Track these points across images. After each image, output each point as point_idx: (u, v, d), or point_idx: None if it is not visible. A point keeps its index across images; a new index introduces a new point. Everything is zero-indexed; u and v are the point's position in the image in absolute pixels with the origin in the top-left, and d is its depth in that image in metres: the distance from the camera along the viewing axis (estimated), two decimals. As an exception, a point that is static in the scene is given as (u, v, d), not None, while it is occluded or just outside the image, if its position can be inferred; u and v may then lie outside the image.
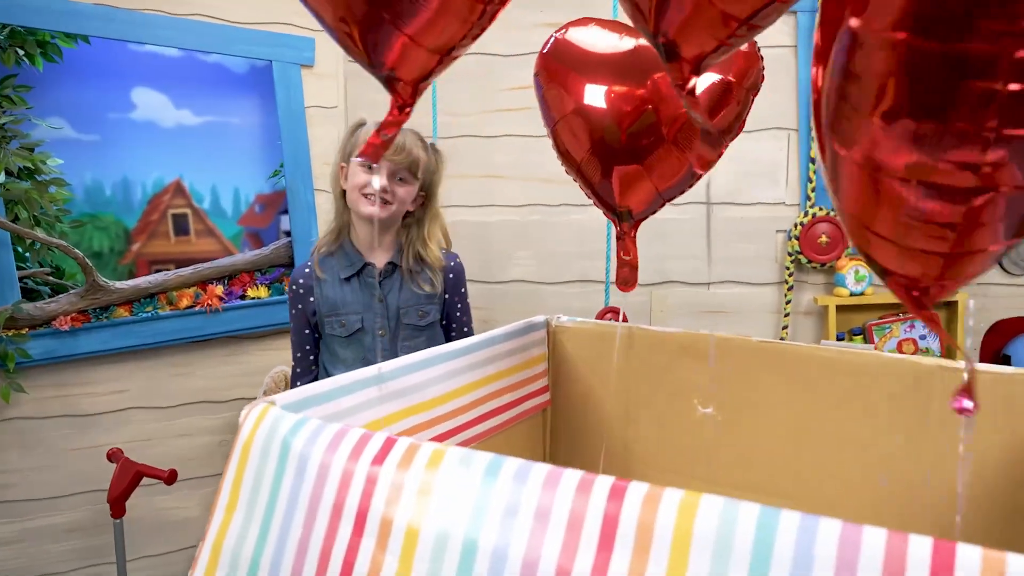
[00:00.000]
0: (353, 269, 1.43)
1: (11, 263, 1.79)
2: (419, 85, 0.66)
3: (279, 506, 0.60)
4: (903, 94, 0.42)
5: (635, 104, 0.81)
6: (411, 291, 1.44)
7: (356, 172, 1.38)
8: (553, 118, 0.88)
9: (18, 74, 1.85)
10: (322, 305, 1.43)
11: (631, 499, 0.48)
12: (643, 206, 0.88)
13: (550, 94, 0.87)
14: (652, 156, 0.86)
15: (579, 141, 0.87)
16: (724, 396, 1.01)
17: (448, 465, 0.54)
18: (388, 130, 0.65)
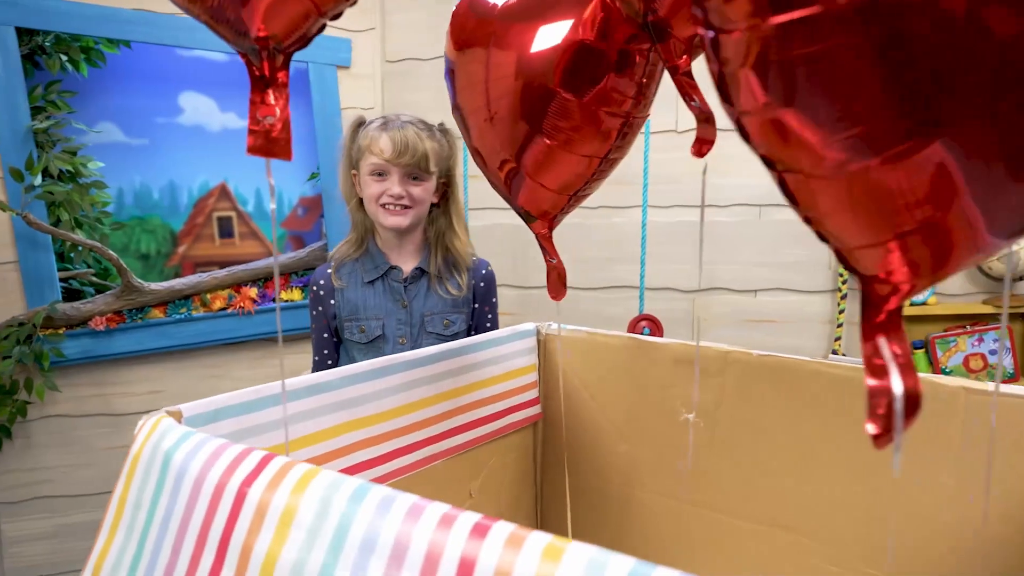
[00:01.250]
0: (378, 272, 1.35)
1: (52, 264, 1.83)
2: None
3: (153, 528, 0.54)
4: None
5: (507, 92, 0.71)
6: (437, 296, 1.37)
7: (368, 183, 1.31)
8: (453, 98, 0.79)
9: (63, 80, 1.89)
10: (342, 308, 1.36)
11: (492, 541, 0.41)
12: (543, 208, 0.78)
13: (454, 70, 0.78)
14: (526, 151, 0.74)
15: (464, 128, 0.78)
16: (724, 415, 0.91)
17: (314, 489, 0.48)
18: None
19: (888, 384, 0.42)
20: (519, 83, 0.71)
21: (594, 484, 1.01)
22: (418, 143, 1.29)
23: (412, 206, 1.31)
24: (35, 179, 1.74)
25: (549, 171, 0.74)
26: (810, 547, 0.86)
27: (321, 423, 0.75)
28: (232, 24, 0.60)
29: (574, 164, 0.74)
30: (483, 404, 0.95)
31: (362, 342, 1.35)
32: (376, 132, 1.29)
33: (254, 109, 0.61)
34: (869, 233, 0.41)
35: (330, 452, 0.76)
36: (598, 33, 0.70)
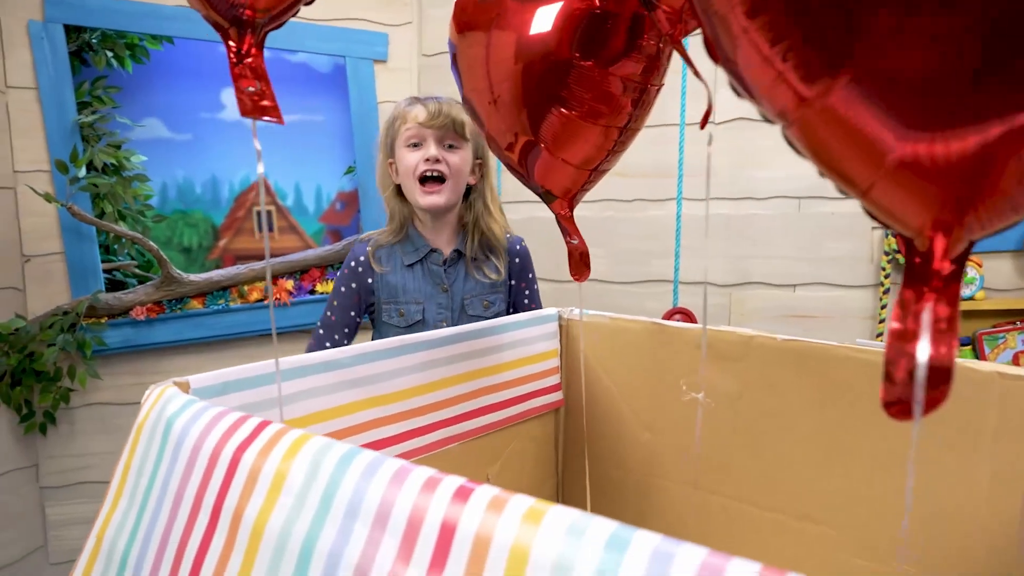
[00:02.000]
0: (418, 255, 1.34)
1: (95, 255, 1.88)
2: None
3: (153, 494, 0.55)
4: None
5: (521, 61, 0.70)
6: (475, 280, 1.35)
7: (404, 156, 1.30)
8: (460, 86, 0.78)
9: (108, 76, 1.94)
10: (381, 290, 1.33)
11: (473, 504, 0.40)
12: (564, 185, 0.76)
13: (458, 56, 0.77)
14: (543, 124, 0.73)
15: (473, 112, 0.76)
16: (747, 402, 0.88)
17: (304, 455, 0.47)
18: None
19: (912, 348, 0.36)
20: (534, 56, 0.70)
21: (615, 474, 0.99)
22: (451, 109, 1.29)
23: (448, 177, 1.29)
24: (79, 171, 1.79)
25: (569, 144, 0.73)
26: (836, 540, 0.83)
27: (333, 400, 0.75)
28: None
29: (594, 135, 0.72)
30: (502, 388, 0.94)
31: (400, 326, 1.32)
32: (409, 105, 1.30)
33: (236, 81, 0.62)
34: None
35: (342, 430, 0.76)
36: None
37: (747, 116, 1.84)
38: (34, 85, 1.83)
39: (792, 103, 0.35)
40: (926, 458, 0.77)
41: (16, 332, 1.75)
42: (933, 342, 0.35)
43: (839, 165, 0.37)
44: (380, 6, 2.14)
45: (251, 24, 0.62)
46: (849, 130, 0.34)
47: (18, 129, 1.82)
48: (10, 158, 1.81)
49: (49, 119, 1.83)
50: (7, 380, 1.75)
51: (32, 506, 1.87)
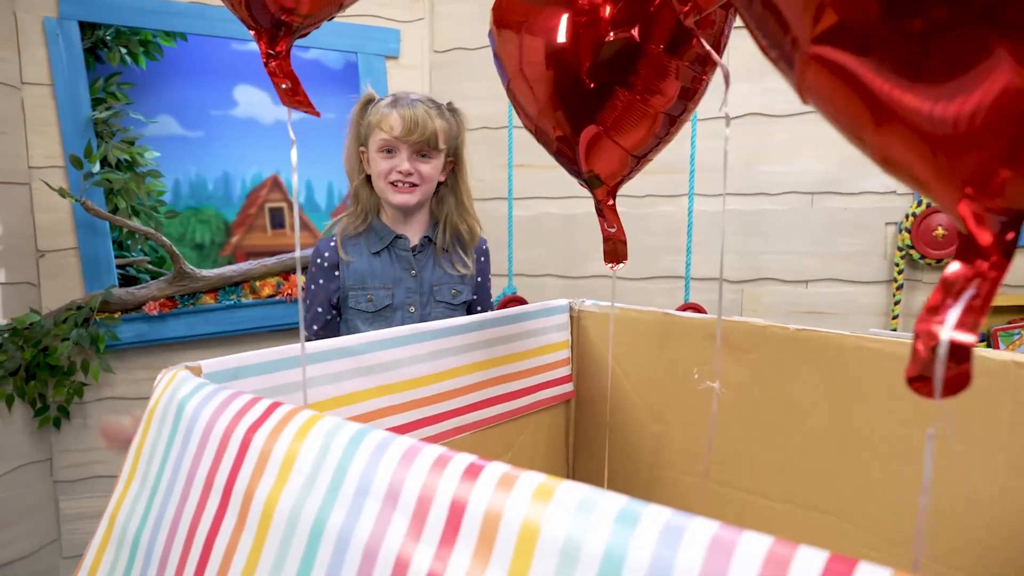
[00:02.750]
0: (383, 243, 1.36)
1: (109, 250, 1.89)
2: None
3: (165, 476, 0.55)
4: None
5: (586, 43, 0.70)
6: (443, 271, 1.38)
7: (377, 160, 1.32)
8: (507, 74, 0.79)
9: (122, 72, 1.95)
10: (348, 278, 1.35)
11: (483, 482, 0.40)
12: (613, 169, 0.77)
13: (502, 43, 0.77)
14: (607, 108, 0.73)
15: (532, 95, 0.76)
16: (760, 393, 0.87)
17: (314, 436, 0.47)
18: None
19: (939, 321, 0.35)
20: (601, 37, 0.70)
21: (626, 464, 0.99)
22: (427, 121, 1.31)
23: (420, 184, 1.33)
24: (93, 167, 1.80)
25: (627, 128, 0.73)
26: (849, 531, 0.82)
27: (343, 387, 0.75)
28: (266, 5, 0.63)
29: (652, 122, 0.73)
30: (512, 379, 0.94)
31: (369, 311, 1.34)
32: (386, 109, 1.31)
33: (273, 78, 0.64)
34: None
35: (351, 418, 0.76)
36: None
37: (760, 111, 1.83)
38: (49, 81, 1.84)
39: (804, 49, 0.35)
40: (940, 448, 0.76)
41: (30, 327, 1.76)
42: (960, 316, 0.34)
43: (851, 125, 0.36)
44: (392, 2, 2.14)
45: (291, 28, 0.64)
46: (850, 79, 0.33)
47: (33, 125, 1.83)
48: (25, 154, 1.83)
49: (64, 115, 1.84)
50: (21, 374, 1.76)
51: (46, 500, 1.88)
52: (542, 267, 2.13)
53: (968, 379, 0.33)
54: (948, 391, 0.34)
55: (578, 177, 0.79)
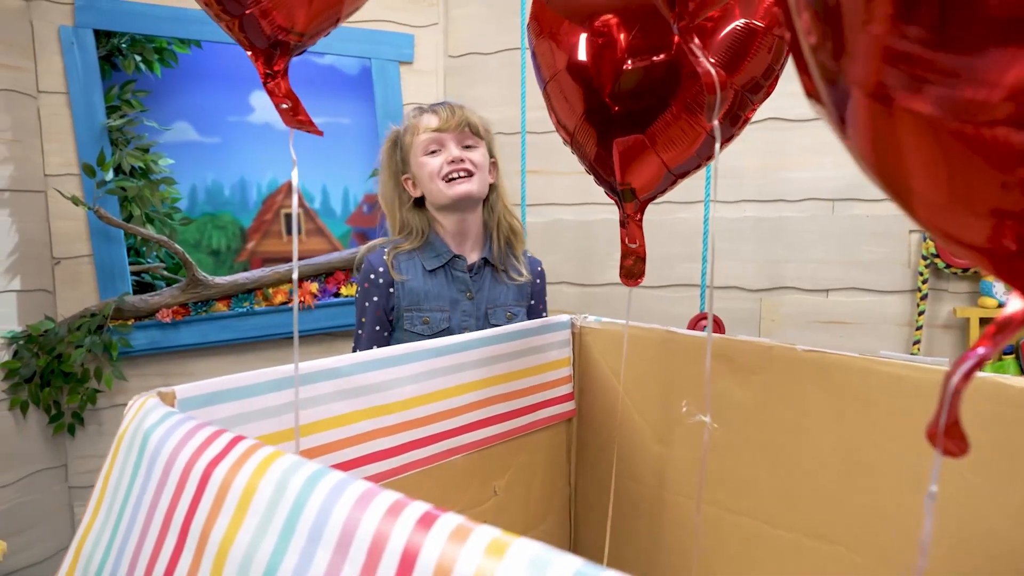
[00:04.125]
0: (440, 261, 1.30)
1: (123, 258, 1.89)
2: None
3: (128, 509, 0.53)
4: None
5: (636, 57, 0.68)
6: (504, 286, 1.33)
7: (425, 163, 1.28)
8: (544, 78, 0.77)
9: (137, 79, 1.95)
10: (403, 297, 1.28)
11: (436, 532, 0.37)
12: (649, 184, 0.74)
13: (540, 48, 0.75)
14: (656, 122, 0.71)
15: (571, 104, 0.74)
16: (766, 416, 0.84)
17: (272, 474, 0.45)
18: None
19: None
20: (660, 54, 0.69)
21: (629, 486, 0.96)
22: (463, 111, 1.29)
23: (475, 171, 1.28)
24: (106, 175, 1.81)
25: (674, 145, 0.71)
26: (856, 562, 0.78)
27: (330, 410, 0.73)
28: (267, 22, 0.62)
29: (699, 142, 0.71)
30: (511, 398, 0.92)
31: (425, 334, 1.27)
32: (417, 115, 1.30)
33: (273, 97, 0.63)
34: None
35: (338, 440, 0.74)
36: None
37: (779, 116, 1.79)
38: (65, 90, 1.85)
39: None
40: (955, 478, 0.72)
41: (45, 334, 1.77)
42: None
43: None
44: (406, 7, 2.12)
45: (288, 48, 0.63)
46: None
47: (49, 133, 1.84)
48: (41, 162, 1.84)
49: (79, 123, 1.85)
50: (36, 381, 1.77)
51: (61, 505, 1.89)
52: (557, 275, 2.10)
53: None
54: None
55: (609, 189, 0.77)
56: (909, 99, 0.26)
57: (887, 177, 0.31)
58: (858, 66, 0.28)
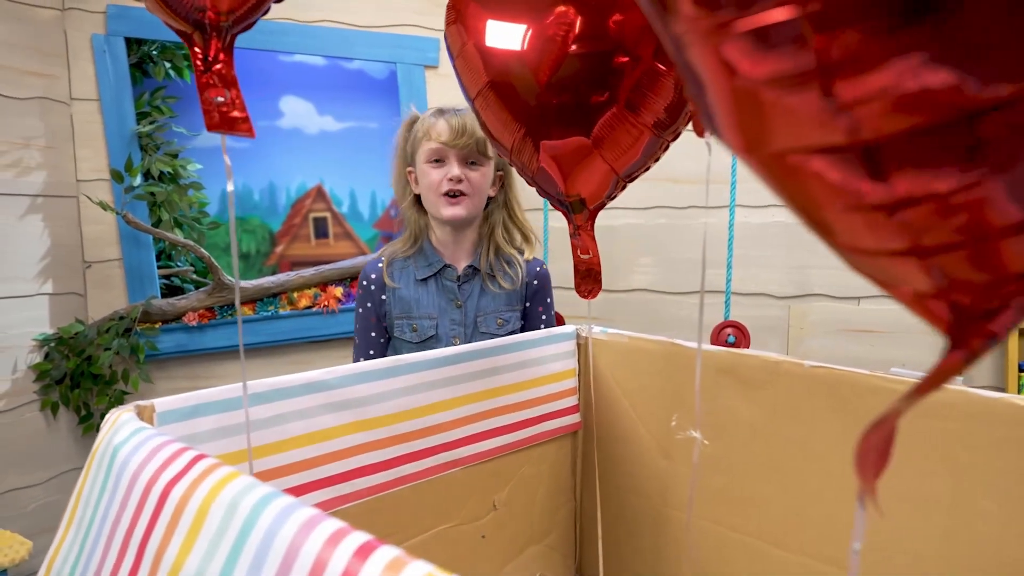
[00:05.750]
0: (431, 270, 1.32)
1: (152, 262, 1.92)
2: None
3: (95, 525, 0.52)
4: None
5: (577, 47, 0.64)
6: (491, 294, 1.33)
7: (426, 171, 1.28)
8: (470, 93, 0.73)
9: (167, 86, 1.98)
10: (394, 306, 1.32)
11: (374, 562, 0.36)
12: (597, 190, 0.71)
13: (462, 63, 0.72)
14: (601, 123, 0.67)
15: (503, 112, 0.70)
16: (772, 433, 0.81)
17: (224, 497, 0.44)
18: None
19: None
20: (601, 51, 0.65)
21: (634, 501, 0.94)
22: (475, 127, 1.26)
23: (470, 193, 1.28)
24: (134, 180, 1.83)
25: (623, 148, 0.68)
26: (867, 588, 0.75)
27: (318, 423, 0.72)
28: (183, 1, 0.58)
29: (649, 141, 0.68)
30: (511, 410, 0.90)
31: (413, 341, 1.30)
32: (432, 119, 1.28)
33: (203, 91, 0.59)
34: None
35: (327, 454, 0.73)
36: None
37: (808, 118, 1.74)
38: (97, 97, 1.88)
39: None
40: (967, 503, 0.69)
41: (75, 336, 1.80)
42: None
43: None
44: (431, 11, 2.12)
45: (216, 28, 0.59)
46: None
47: (81, 139, 1.88)
48: (74, 168, 1.87)
49: (110, 130, 1.88)
50: (67, 382, 1.81)
51: (90, 505, 1.93)
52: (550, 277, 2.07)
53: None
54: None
55: (556, 201, 0.74)
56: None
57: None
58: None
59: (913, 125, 0.20)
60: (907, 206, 0.22)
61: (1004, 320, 0.23)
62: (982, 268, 0.23)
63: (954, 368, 0.25)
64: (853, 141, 0.21)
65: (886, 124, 0.20)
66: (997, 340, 0.24)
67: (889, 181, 0.21)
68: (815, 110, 0.21)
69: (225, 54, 0.60)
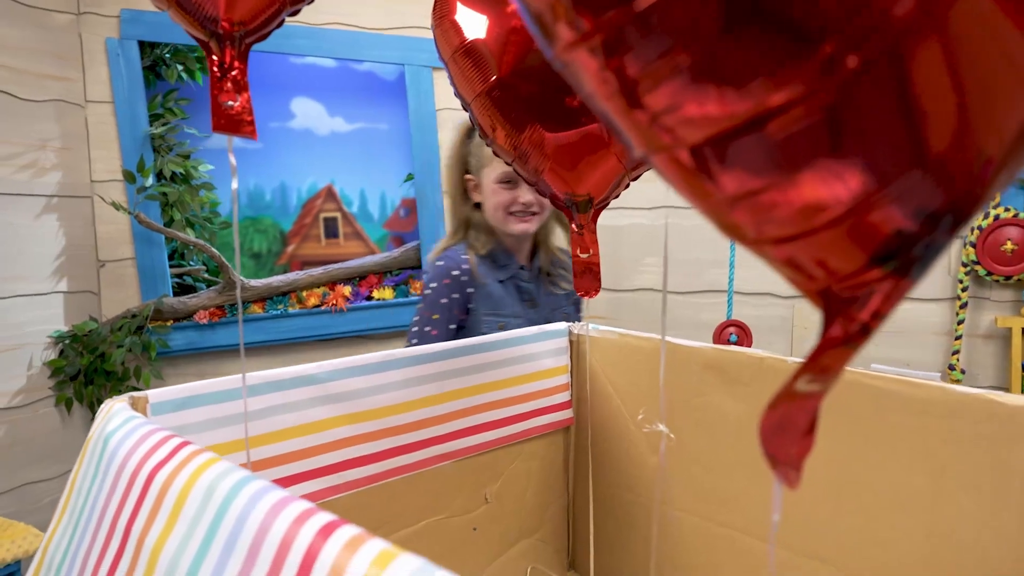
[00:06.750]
0: (509, 272, 1.32)
1: (164, 261, 1.96)
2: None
3: (85, 511, 0.55)
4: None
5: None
6: (553, 295, 1.36)
7: (496, 191, 1.27)
8: (465, 97, 0.74)
9: (179, 88, 2.02)
10: (481, 301, 1.28)
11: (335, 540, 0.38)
12: (605, 188, 0.72)
13: (457, 68, 0.73)
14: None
15: (510, 111, 0.71)
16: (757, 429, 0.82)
17: (203, 482, 0.46)
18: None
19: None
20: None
21: (626, 496, 0.95)
22: None
23: (540, 212, 1.29)
24: (147, 181, 1.87)
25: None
26: (849, 582, 0.76)
27: (306, 416, 0.74)
28: (198, 12, 0.61)
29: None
30: (503, 405, 0.91)
31: None
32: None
33: (216, 95, 0.61)
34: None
35: (317, 446, 0.74)
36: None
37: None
38: (111, 99, 1.92)
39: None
40: (947, 500, 0.69)
41: (89, 334, 1.84)
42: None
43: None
44: (439, 14, 2.14)
45: (230, 37, 0.62)
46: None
47: (96, 141, 1.92)
48: (88, 169, 1.91)
49: (123, 131, 1.92)
50: (81, 379, 1.84)
51: (104, 499, 1.96)
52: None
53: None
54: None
55: (563, 201, 0.74)
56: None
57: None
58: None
59: (709, 134, 0.22)
60: (738, 201, 0.23)
61: (872, 307, 0.25)
62: (824, 257, 0.24)
63: (830, 348, 0.26)
64: (675, 144, 0.23)
65: (689, 133, 0.23)
66: (868, 328, 0.25)
67: (718, 181, 0.23)
68: (646, 119, 0.24)
69: (240, 62, 0.62)
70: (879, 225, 0.23)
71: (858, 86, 0.21)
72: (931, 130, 0.21)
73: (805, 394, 0.29)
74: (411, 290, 2.16)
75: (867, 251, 0.24)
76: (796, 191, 0.23)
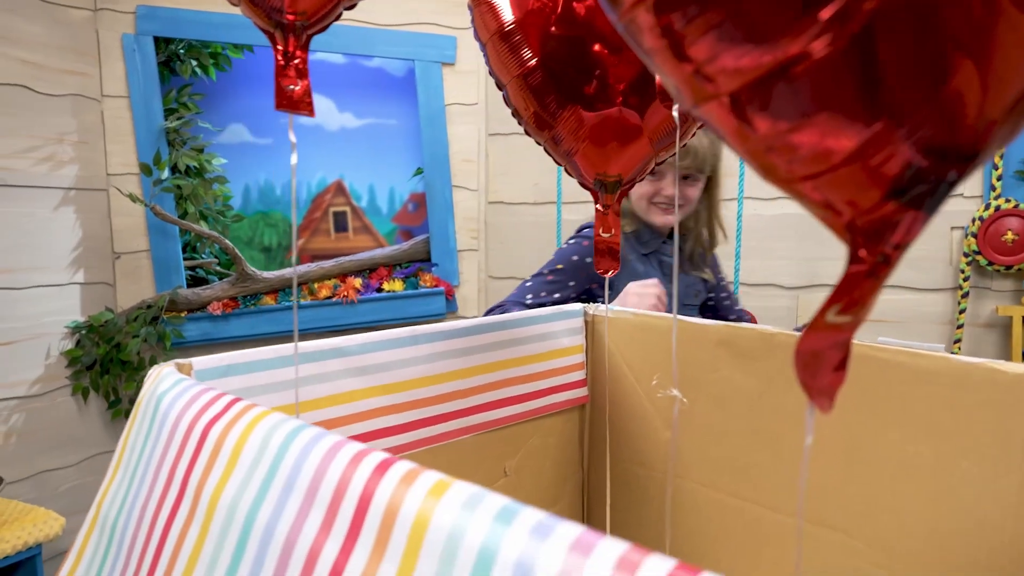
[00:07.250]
0: (651, 247, 1.34)
1: (178, 253, 1.99)
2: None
3: (140, 466, 0.58)
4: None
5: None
6: (692, 276, 1.37)
7: (641, 181, 1.29)
8: (502, 80, 0.77)
9: (193, 83, 2.05)
10: (621, 276, 1.25)
11: (389, 478, 0.41)
12: (633, 168, 0.75)
13: (494, 51, 0.76)
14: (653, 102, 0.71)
15: (543, 99, 0.74)
16: (768, 403, 0.85)
17: (258, 432, 0.49)
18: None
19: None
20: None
21: (639, 471, 0.98)
22: (699, 147, 1.26)
23: (684, 205, 1.30)
24: (162, 174, 1.90)
25: (665, 126, 0.71)
26: (857, 549, 0.79)
27: (336, 387, 0.77)
28: (265, 3, 0.65)
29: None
30: (521, 381, 0.94)
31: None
32: None
33: (279, 79, 0.66)
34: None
35: (344, 416, 0.78)
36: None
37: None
38: (126, 94, 1.96)
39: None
40: (948, 466, 0.72)
41: (105, 324, 1.87)
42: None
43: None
44: (448, 9, 2.17)
45: (293, 28, 0.66)
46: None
47: (112, 135, 1.95)
48: (104, 162, 1.95)
49: (139, 125, 1.95)
50: (97, 369, 1.88)
51: (119, 487, 2.00)
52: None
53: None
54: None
55: (594, 182, 0.77)
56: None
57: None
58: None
59: (744, 82, 0.26)
60: (771, 142, 0.27)
61: (893, 239, 0.28)
62: (846, 192, 0.28)
63: (856, 280, 0.29)
64: (717, 92, 0.27)
65: (727, 82, 0.26)
66: (889, 258, 0.28)
67: (754, 124, 0.27)
68: (691, 70, 0.27)
69: (302, 51, 0.66)
70: (892, 161, 0.26)
71: (871, 33, 0.24)
72: (938, 73, 0.25)
73: (835, 326, 0.32)
74: (420, 282, 2.19)
75: (883, 186, 0.27)
76: (818, 131, 0.26)
